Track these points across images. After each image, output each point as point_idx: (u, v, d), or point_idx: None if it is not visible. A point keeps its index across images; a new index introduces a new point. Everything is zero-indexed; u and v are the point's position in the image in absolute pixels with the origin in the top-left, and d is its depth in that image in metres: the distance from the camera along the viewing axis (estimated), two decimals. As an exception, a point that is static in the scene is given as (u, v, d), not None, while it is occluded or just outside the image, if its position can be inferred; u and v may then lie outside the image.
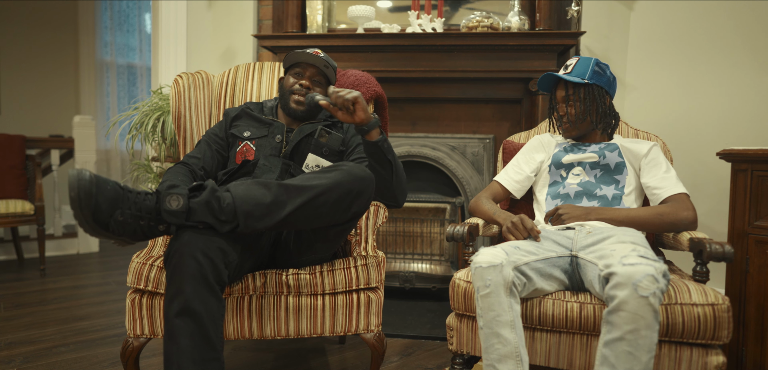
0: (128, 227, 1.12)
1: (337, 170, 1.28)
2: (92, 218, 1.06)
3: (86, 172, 1.06)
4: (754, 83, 2.29)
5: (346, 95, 1.31)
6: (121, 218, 1.10)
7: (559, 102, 1.66)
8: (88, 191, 1.05)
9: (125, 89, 5.29)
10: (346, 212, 1.28)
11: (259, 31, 2.84)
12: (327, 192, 1.24)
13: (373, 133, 1.37)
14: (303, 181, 1.25)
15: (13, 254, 3.62)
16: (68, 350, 1.95)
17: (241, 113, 1.63)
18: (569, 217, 1.49)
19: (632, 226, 1.46)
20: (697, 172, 2.35)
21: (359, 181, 1.28)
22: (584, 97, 1.60)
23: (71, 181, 1.04)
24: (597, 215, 1.47)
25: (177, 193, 1.16)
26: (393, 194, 1.45)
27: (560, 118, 1.66)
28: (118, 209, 1.10)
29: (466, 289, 1.39)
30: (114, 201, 1.09)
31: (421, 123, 2.69)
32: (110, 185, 1.10)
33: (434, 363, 1.86)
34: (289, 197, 1.22)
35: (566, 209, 1.50)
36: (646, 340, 1.08)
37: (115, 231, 1.10)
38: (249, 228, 1.20)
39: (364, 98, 1.35)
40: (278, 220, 1.21)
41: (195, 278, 1.11)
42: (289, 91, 1.58)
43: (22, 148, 3.30)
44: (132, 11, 5.29)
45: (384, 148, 1.38)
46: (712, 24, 2.33)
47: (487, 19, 2.40)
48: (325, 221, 1.28)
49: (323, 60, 1.57)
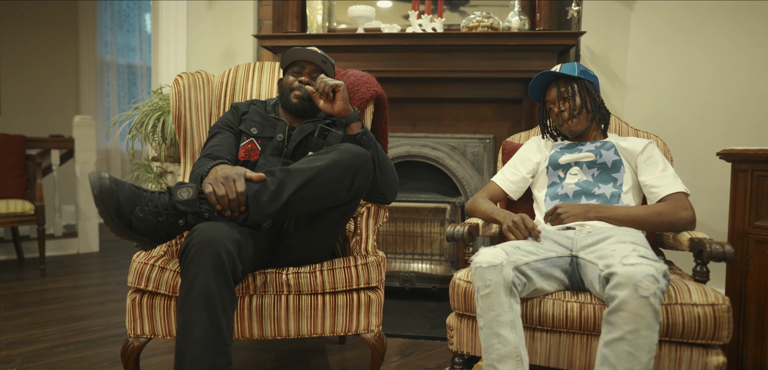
0: (149, 224, 1.15)
1: (334, 150, 1.32)
2: (116, 215, 1.10)
3: (105, 173, 1.11)
4: (754, 83, 2.29)
5: (329, 81, 1.37)
6: (141, 215, 1.13)
7: (553, 101, 1.68)
8: (109, 188, 1.09)
9: (125, 89, 5.29)
10: (348, 190, 1.31)
11: (259, 31, 2.84)
12: (327, 170, 1.27)
13: (353, 126, 1.41)
14: (303, 163, 1.29)
15: (13, 254, 3.62)
16: (68, 350, 1.95)
17: (249, 109, 1.64)
18: (568, 216, 1.49)
19: (631, 225, 1.46)
20: (697, 172, 2.35)
21: (356, 157, 1.31)
22: (579, 90, 1.64)
23: (92, 181, 1.08)
24: (596, 213, 1.47)
25: (187, 186, 1.20)
26: (380, 190, 1.46)
27: (559, 115, 1.66)
28: (137, 205, 1.13)
29: (466, 289, 1.39)
30: (132, 199, 1.13)
31: (421, 123, 2.69)
32: (127, 184, 1.14)
33: (434, 363, 1.86)
34: (291, 178, 1.25)
35: (565, 207, 1.50)
36: (646, 340, 1.08)
37: (137, 229, 1.14)
38: (259, 213, 1.22)
39: (346, 90, 1.39)
40: (284, 201, 1.23)
41: (213, 269, 1.12)
42: (289, 88, 1.59)
43: (23, 148, 3.30)
44: (132, 11, 5.29)
45: (364, 142, 1.41)
46: (712, 24, 2.33)
47: (488, 19, 2.40)
48: (328, 200, 1.30)
49: (321, 56, 1.58)
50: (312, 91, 1.40)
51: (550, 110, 1.71)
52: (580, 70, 1.66)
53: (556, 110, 1.67)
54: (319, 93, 1.40)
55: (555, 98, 1.67)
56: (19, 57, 4.63)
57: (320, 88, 1.39)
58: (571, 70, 1.65)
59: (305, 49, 1.57)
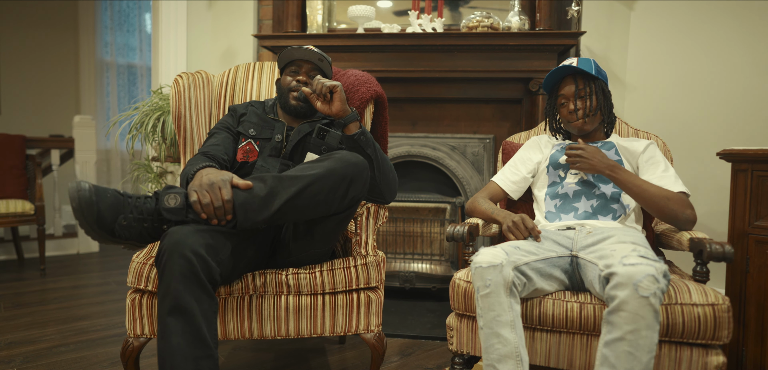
0: (133, 230, 1.14)
1: (329, 159, 1.30)
2: (97, 225, 1.09)
3: (84, 183, 1.09)
4: (754, 83, 2.29)
5: (326, 82, 1.36)
6: (124, 223, 1.12)
7: (569, 97, 1.61)
8: (88, 199, 1.07)
9: (125, 89, 5.29)
10: (343, 199, 1.30)
11: (259, 31, 2.84)
12: (321, 180, 1.25)
13: (351, 126, 1.40)
14: (297, 171, 1.27)
15: (13, 254, 3.62)
16: (68, 350, 1.95)
17: (247, 110, 1.63)
18: (584, 164, 1.47)
19: (640, 196, 1.45)
20: (697, 172, 2.35)
21: (352, 166, 1.29)
22: (595, 90, 1.60)
23: (71, 194, 1.07)
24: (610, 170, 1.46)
25: (174, 192, 1.18)
26: (379, 190, 1.46)
27: (573, 112, 1.60)
28: (120, 214, 1.12)
29: (466, 289, 1.39)
30: (115, 207, 1.12)
31: (421, 123, 2.69)
32: (110, 192, 1.12)
33: (434, 363, 1.86)
34: (284, 186, 1.23)
35: (588, 153, 1.47)
36: (646, 340, 1.08)
37: (121, 236, 1.13)
38: (248, 221, 1.21)
39: (344, 91, 1.37)
40: (274, 210, 1.22)
41: (185, 275, 1.11)
42: (287, 89, 1.58)
43: (23, 148, 3.30)
44: (132, 11, 5.29)
45: (362, 142, 1.39)
46: (712, 24, 2.33)
47: (488, 19, 2.40)
48: (322, 209, 1.29)
49: (317, 54, 1.56)
50: (308, 92, 1.39)
51: (562, 105, 1.64)
52: (597, 68, 1.61)
53: (570, 107, 1.61)
54: (316, 94, 1.39)
55: (571, 95, 1.61)
56: (19, 57, 4.63)
57: (317, 89, 1.37)
58: (587, 66, 1.59)
59: (301, 47, 1.56)
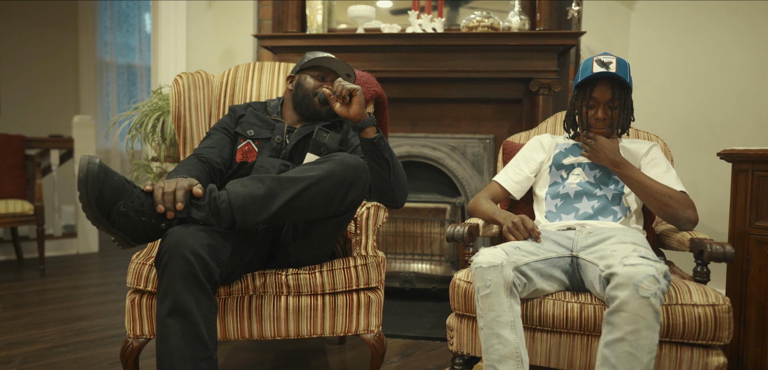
0: (130, 220, 1.13)
1: (329, 161, 1.29)
2: (96, 202, 1.08)
3: (96, 159, 1.08)
4: (754, 83, 2.29)
5: (346, 85, 1.35)
6: (123, 209, 1.11)
7: (603, 103, 1.55)
8: (96, 174, 1.07)
9: (125, 89, 5.29)
10: (341, 202, 1.29)
11: (259, 31, 2.84)
12: (320, 182, 1.25)
13: (368, 130, 1.39)
14: (296, 172, 1.26)
15: (13, 254, 3.62)
16: (68, 350, 1.95)
17: (246, 111, 1.63)
18: (595, 154, 1.52)
19: (642, 191, 1.46)
20: (698, 172, 2.35)
21: (352, 169, 1.28)
22: (626, 104, 1.58)
23: (81, 164, 1.06)
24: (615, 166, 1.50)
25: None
26: (392, 194, 1.45)
27: (601, 120, 1.56)
28: (121, 199, 1.11)
29: (466, 289, 1.39)
30: (119, 192, 1.11)
31: (421, 123, 2.69)
32: (118, 176, 1.12)
33: (434, 363, 1.86)
34: (282, 188, 1.23)
35: (601, 144, 1.51)
36: (647, 341, 1.08)
37: (116, 222, 1.11)
38: (246, 222, 1.21)
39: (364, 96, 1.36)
40: (273, 211, 1.22)
41: (185, 276, 1.10)
42: (313, 92, 1.58)
43: (22, 148, 3.30)
44: (132, 11, 5.29)
45: (380, 146, 1.39)
46: (712, 24, 2.33)
47: (488, 19, 2.40)
48: (321, 211, 1.28)
49: (346, 68, 1.58)
50: (328, 94, 1.38)
51: (592, 106, 1.56)
52: (630, 77, 1.56)
53: (600, 113, 1.55)
54: (336, 96, 1.38)
55: (605, 101, 1.54)
56: (19, 57, 4.63)
57: (337, 92, 1.36)
58: (624, 72, 1.53)
59: (335, 59, 1.57)
